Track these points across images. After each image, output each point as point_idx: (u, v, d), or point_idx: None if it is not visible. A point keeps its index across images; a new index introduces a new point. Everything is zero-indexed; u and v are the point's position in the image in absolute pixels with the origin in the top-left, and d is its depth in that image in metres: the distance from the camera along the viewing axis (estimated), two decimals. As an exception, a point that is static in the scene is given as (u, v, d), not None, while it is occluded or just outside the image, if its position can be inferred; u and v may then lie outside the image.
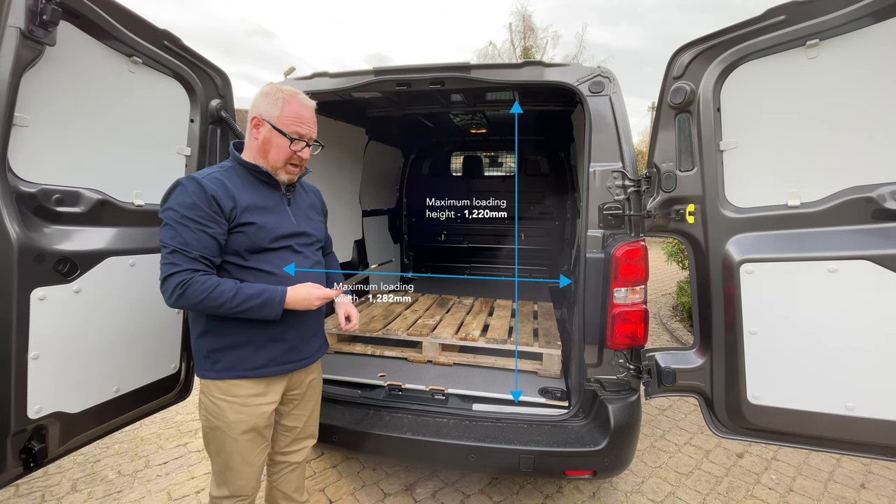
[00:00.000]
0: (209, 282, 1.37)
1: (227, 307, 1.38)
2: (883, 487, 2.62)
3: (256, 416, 1.53)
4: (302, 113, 1.53)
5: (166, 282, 1.37)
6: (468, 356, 2.73)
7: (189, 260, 1.37)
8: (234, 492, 1.57)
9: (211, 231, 1.39)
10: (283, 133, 1.50)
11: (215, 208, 1.40)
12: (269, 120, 1.50)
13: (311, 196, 1.79)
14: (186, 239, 1.37)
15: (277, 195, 1.59)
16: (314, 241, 1.68)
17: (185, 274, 1.36)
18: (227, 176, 1.50)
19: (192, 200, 1.38)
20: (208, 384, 1.53)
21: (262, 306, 1.41)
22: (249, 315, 1.42)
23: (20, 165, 1.42)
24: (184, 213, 1.38)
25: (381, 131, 4.32)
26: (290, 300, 1.45)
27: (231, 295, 1.38)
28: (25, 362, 1.42)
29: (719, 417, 1.86)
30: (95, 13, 1.57)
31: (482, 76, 2.10)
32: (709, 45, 1.73)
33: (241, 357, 1.50)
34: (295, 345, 1.59)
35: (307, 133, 1.55)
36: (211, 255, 1.41)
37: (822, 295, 1.62)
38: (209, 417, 1.53)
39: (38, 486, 2.58)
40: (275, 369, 1.55)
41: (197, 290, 1.35)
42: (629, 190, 1.93)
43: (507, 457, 1.93)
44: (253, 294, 1.40)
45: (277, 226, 1.53)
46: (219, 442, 1.54)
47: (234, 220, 1.44)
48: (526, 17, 20.58)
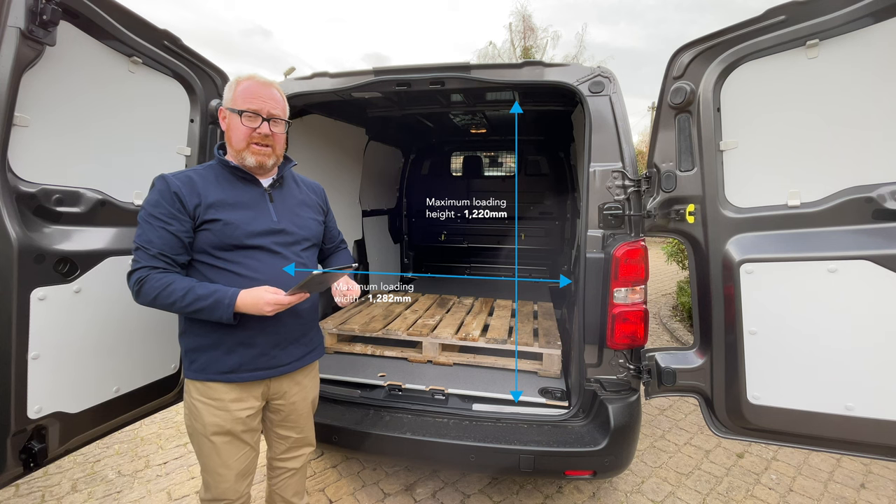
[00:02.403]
0: (163, 280, 1.35)
1: (178, 306, 1.35)
2: (883, 487, 2.62)
3: (231, 420, 1.49)
4: (254, 89, 1.47)
5: (129, 278, 1.39)
6: (468, 356, 2.73)
7: (148, 257, 1.37)
8: (216, 496, 1.54)
9: (171, 228, 1.38)
10: (236, 111, 1.45)
11: (178, 206, 1.38)
12: (226, 105, 1.49)
13: (305, 192, 1.71)
14: (149, 236, 1.37)
15: (258, 191, 1.54)
16: (300, 240, 1.59)
17: (142, 271, 1.36)
18: (202, 174, 1.48)
19: (157, 198, 1.39)
20: (188, 384, 1.52)
21: (211, 308, 1.35)
22: (201, 316, 1.38)
23: (20, 165, 1.42)
24: (149, 211, 1.38)
25: (381, 131, 4.32)
26: (239, 303, 1.36)
27: (181, 294, 1.34)
28: (25, 362, 1.42)
29: (719, 417, 1.86)
30: (95, 13, 1.57)
31: (482, 76, 2.10)
32: (709, 44, 1.73)
33: (212, 360, 1.47)
34: (266, 350, 1.51)
35: (261, 107, 1.47)
36: (172, 252, 1.39)
37: (822, 295, 1.62)
38: (189, 417, 1.53)
39: (38, 486, 2.58)
40: (244, 375, 1.49)
41: (150, 288, 1.34)
42: (629, 190, 1.93)
43: (507, 457, 1.93)
44: (203, 295, 1.35)
45: (249, 223, 1.46)
46: (198, 443, 1.53)
47: (198, 218, 1.41)
48: (526, 17, 20.58)
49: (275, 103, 1.51)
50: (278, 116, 1.52)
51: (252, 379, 1.51)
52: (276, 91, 1.53)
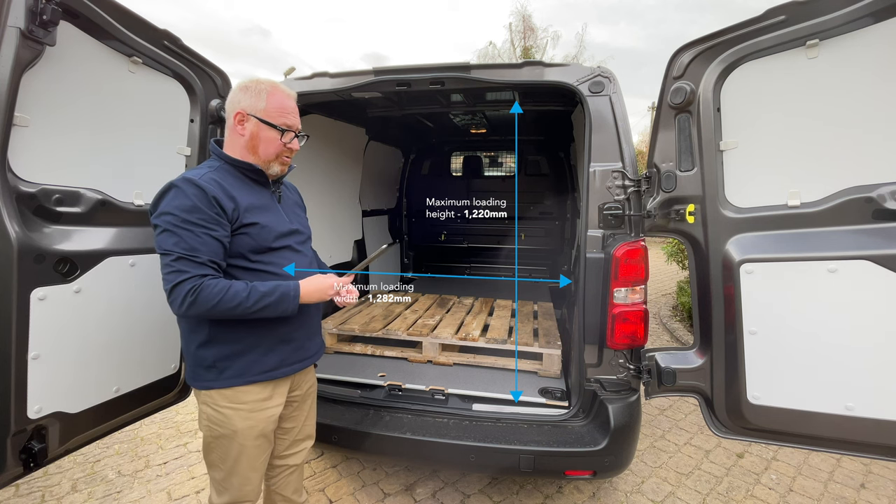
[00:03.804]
0: (220, 285, 1.32)
1: (242, 308, 1.33)
2: (883, 487, 2.62)
3: (265, 420, 1.52)
4: (286, 103, 1.51)
5: (175, 290, 1.30)
6: (468, 356, 2.73)
7: (197, 265, 1.31)
8: (239, 497, 1.55)
9: (216, 234, 1.35)
10: (272, 126, 1.47)
11: (217, 210, 1.35)
12: (255, 114, 1.46)
13: (293, 193, 1.78)
14: (192, 244, 1.31)
15: (268, 193, 1.56)
16: (307, 239, 1.68)
17: (194, 280, 1.30)
18: (221, 176, 1.44)
19: (193, 203, 1.32)
20: (212, 394, 1.47)
21: (278, 302, 1.39)
22: (266, 314, 1.38)
23: (20, 165, 1.42)
24: (185, 217, 1.31)
25: (381, 131, 4.32)
26: (304, 293, 1.44)
27: (245, 295, 1.34)
28: (25, 362, 1.42)
29: (719, 417, 1.86)
30: (95, 13, 1.57)
31: (482, 76, 2.10)
32: (709, 44, 1.73)
33: (251, 362, 1.46)
34: (302, 344, 1.59)
35: (294, 123, 1.53)
36: (218, 258, 1.36)
37: (822, 295, 1.62)
38: (213, 427, 1.48)
39: (38, 486, 2.58)
40: (284, 370, 1.54)
41: (210, 295, 1.30)
42: (629, 190, 1.93)
43: (507, 457, 1.93)
44: (267, 291, 1.38)
45: (276, 225, 1.50)
46: (224, 450, 1.50)
47: (236, 222, 1.40)
48: (526, 17, 20.58)
49: (299, 117, 1.57)
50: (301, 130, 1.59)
51: (290, 373, 1.56)
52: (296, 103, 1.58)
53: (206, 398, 1.49)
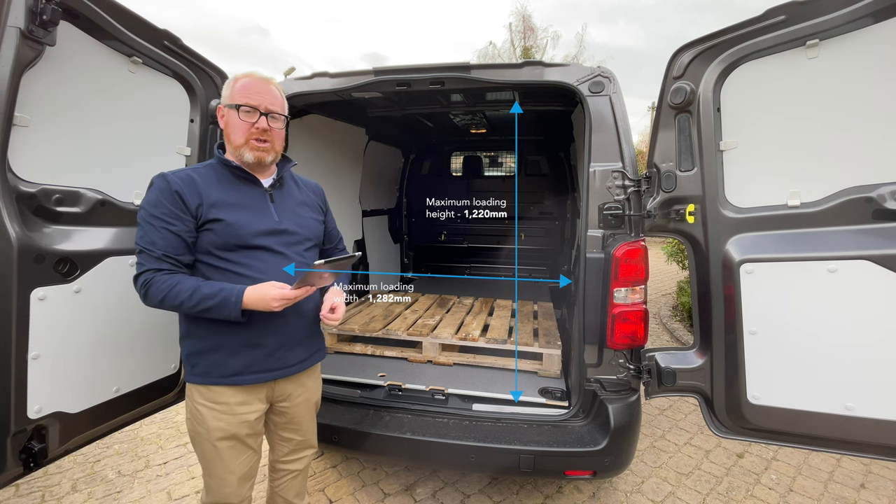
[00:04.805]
0: (168, 281, 1.34)
1: (185, 307, 1.34)
2: (883, 487, 2.62)
3: (237, 424, 1.47)
4: (252, 85, 1.47)
5: (135, 282, 1.37)
6: (468, 356, 2.73)
7: (153, 259, 1.35)
8: (219, 500, 1.53)
9: (175, 229, 1.36)
10: (233, 107, 1.45)
11: (180, 205, 1.36)
12: (224, 102, 1.48)
13: (305, 192, 1.70)
14: (152, 238, 1.35)
15: (258, 191, 1.53)
16: (302, 241, 1.58)
17: (148, 274, 1.34)
18: (203, 173, 1.46)
19: (157, 197, 1.36)
20: (191, 388, 1.49)
21: (219, 306, 1.34)
22: (210, 315, 1.37)
23: (20, 165, 1.42)
24: (150, 212, 1.36)
25: (381, 131, 4.32)
26: (246, 300, 1.35)
27: (188, 294, 1.33)
28: (25, 362, 1.42)
29: (719, 417, 1.86)
30: (95, 13, 1.57)
31: (482, 76, 2.10)
32: (709, 44, 1.73)
33: (215, 363, 1.45)
34: (273, 351, 1.50)
35: (259, 102, 1.45)
36: (176, 253, 1.37)
37: (822, 295, 1.62)
38: (192, 421, 1.50)
39: (38, 486, 2.58)
40: (251, 377, 1.47)
41: (157, 290, 1.33)
42: (629, 190, 1.93)
43: (507, 457, 1.93)
44: (209, 293, 1.34)
45: (251, 223, 1.45)
46: (201, 448, 1.51)
47: (200, 218, 1.40)
48: (526, 17, 20.58)
49: (273, 98, 1.50)
50: (276, 112, 1.50)
51: (258, 381, 1.49)
52: (274, 87, 1.52)
53: (188, 390, 1.52)
